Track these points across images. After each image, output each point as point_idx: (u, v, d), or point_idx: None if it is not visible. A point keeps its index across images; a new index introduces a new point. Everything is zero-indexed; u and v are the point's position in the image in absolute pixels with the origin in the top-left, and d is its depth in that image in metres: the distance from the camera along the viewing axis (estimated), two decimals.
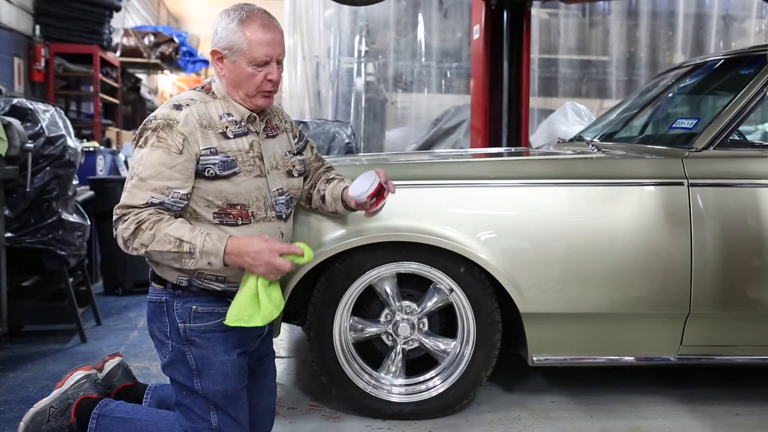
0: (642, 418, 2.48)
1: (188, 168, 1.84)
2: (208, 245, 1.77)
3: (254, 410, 2.09)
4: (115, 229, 1.80)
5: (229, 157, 1.89)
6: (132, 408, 2.11)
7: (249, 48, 1.86)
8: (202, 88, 1.97)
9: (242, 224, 1.92)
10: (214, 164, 1.87)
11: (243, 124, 1.94)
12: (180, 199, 1.84)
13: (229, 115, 1.93)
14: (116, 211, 1.80)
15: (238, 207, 1.91)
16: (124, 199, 1.80)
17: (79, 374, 2.14)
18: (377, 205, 2.05)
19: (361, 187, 2.00)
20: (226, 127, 1.91)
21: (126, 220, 1.78)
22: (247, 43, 1.85)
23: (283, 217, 2.04)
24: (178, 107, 1.85)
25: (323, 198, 2.16)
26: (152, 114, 1.86)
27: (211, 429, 1.97)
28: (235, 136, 1.92)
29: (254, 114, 1.96)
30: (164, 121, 1.82)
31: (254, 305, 1.80)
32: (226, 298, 1.92)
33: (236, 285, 1.88)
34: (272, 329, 2.16)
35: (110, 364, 2.26)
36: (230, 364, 1.96)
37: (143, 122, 1.85)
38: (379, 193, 2.02)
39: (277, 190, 2.01)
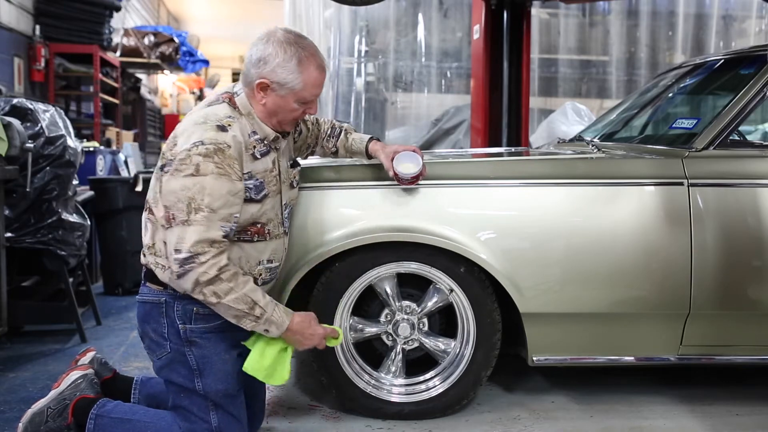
0: (642, 418, 2.48)
1: (243, 192, 1.84)
2: (276, 317, 1.86)
3: (250, 405, 2.10)
4: (189, 269, 1.73)
5: (259, 179, 1.90)
6: (130, 408, 2.11)
7: (302, 89, 1.87)
8: (229, 101, 1.90)
9: (257, 241, 1.93)
10: (249, 188, 1.88)
11: (267, 143, 1.94)
12: (235, 223, 1.83)
13: (254, 133, 1.91)
14: (192, 249, 1.73)
15: (258, 225, 1.93)
16: (200, 233, 1.73)
17: (75, 374, 2.13)
18: (413, 184, 2.23)
19: (408, 167, 2.19)
20: (254, 147, 1.90)
21: (205, 262, 1.73)
22: (302, 84, 1.86)
23: (287, 232, 2.06)
24: (222, 128, 1.79)
25: (335, 152, 2.27)
26: (195, 137, 1.76)
27: (211, 430, 1.97)
28: (261, 155, 1.91)
29: (279, 134, 1.95)
30: (214, 146, 1.76)
31: (277, 368, 1.95)
32: None
33: None
34: None
35: (84, 361, 2.25)
36: (231, 363, 1.98)
37: (188, 147, 1.75)
38: (419, 175, 2.22)
39: (284, 204, 2.02)
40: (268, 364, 1.94)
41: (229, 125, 1.83)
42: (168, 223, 1.78)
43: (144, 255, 1.99)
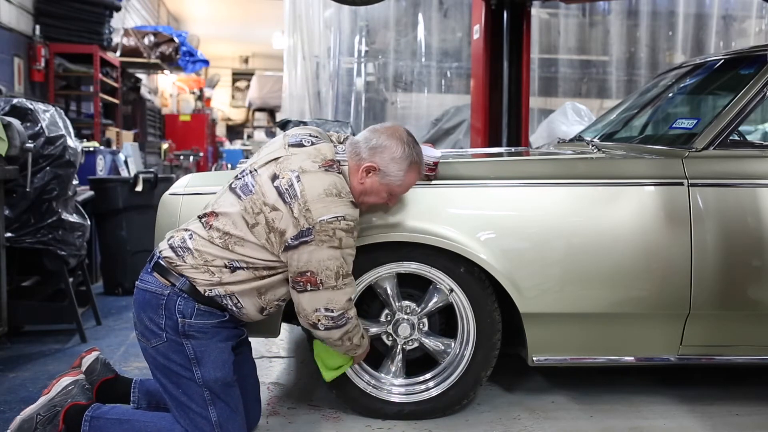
0: (642, 418, 2.48)
1: None
2: (365, 342, 2.21)
3: (245, 398, 2.11)
4: (342, 324, 2.03)
5: None
6: (128, 409, 2.11)
7: (399, 185, 2.12)
8: (342, 174, 2.04)
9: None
10: None
11: None
12: None
13: None
14: (342, 308, 2.00)
15: None
16: (348, 295, 2.01)
17: (66, 380, 2.12)
18: (433, 171, 2.31)
19: (432, 151, 2.32)
20: None
21: (351, 317, 2.05)
22: (401, 183, 2.11)
23: None
24: (354, 205, 2.00)
25: None
26: (336, 211, 1.93)
27: (211, 424, 1.97)
28: None
29: None
30: (354, 222, 1.97)
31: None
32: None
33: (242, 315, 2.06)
34: (247, 334, 2.25)
35: (88, 360, 2.25)
36: (227, 352, 2.02)
37: (329, 219, 1.92)
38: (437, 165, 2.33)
39: None
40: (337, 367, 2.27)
41: (354, 201, 2.02)
42: (314, 287, 1.97)
43: (174, 250, 2.00)
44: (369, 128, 2.14)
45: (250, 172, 2.04)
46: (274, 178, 1.97)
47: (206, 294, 1.96)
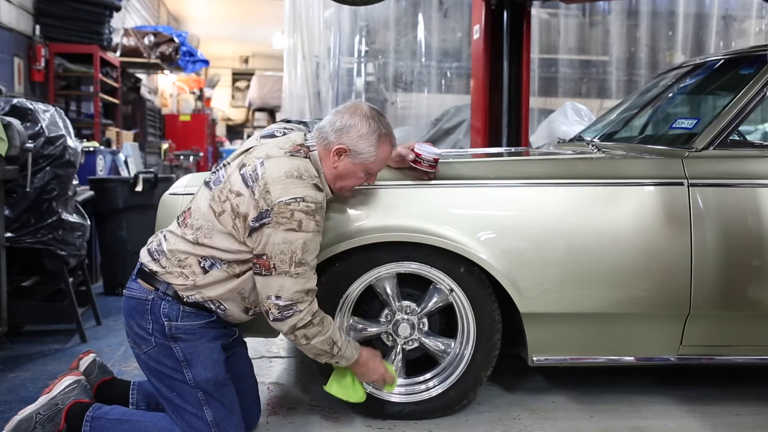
0: (642, 418, 2.48)
1: None
2: (348, 353, 2.08)
3: (243, 399, 2.11)
4: (288, 315, 1.92)
5: None
6: (128, 409, 2.11)
7: (374, 162, 2.07)
8: (309, 159, 2.02)
9: None
10: None
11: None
12: None
13: None
14: (292, 297, 1.91)
15: None
16: (301, 284, 1.91)
17: (68, 380, 2.12)
18: (433, 168, 2.28)
19: (432, 149, 2.28)
20: None
21: (302, 310, 1.93)
22: (375, 158, 2.06)
23: None
24: (318, 188, 1.95)
25: None
26: (296, 192, 1.88)
27: (207, 424, 1.97)
28: None
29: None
30: (315, 204, 1.90)
31: (353, 389, 2.25)
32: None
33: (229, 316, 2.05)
34: (240, 334, 2.25)
35: (85, 362, 2.26)
36: (217, 351, 2.02)
37: (287, 200, 1.87)
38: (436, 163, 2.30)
39: None
40: (348, 385, 2.23)
41: (320, 185, 1.98)
42: (268, 271, 1.91)
43: (150, 255, 2.02)
44: (331, 111, 2.10)
45: (223, 165, 2.08)
46: (242, 166, 1.99)
47: (187, 300, 1.97)
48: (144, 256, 2.04)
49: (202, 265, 1.97)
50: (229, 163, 2.07)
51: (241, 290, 2.01)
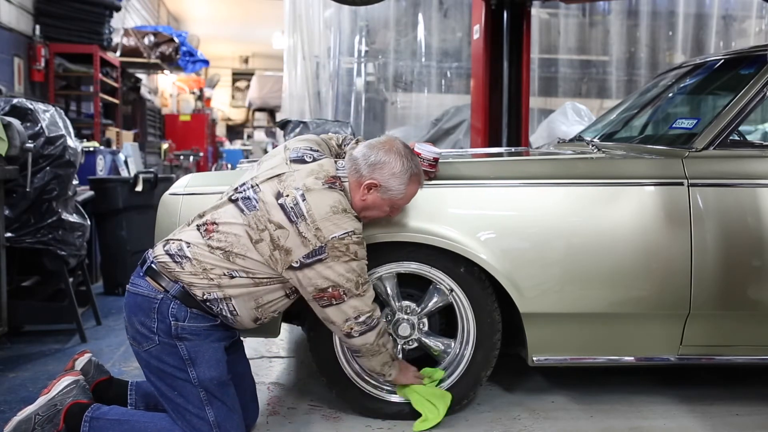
0: (642, 418, 2.48)
1: None
2: (396, 366, 2.25)
3: (241, 398, 2.11)
4: (373, 325, 2.08)
5: None
6: (127, 410, 2.11)
7: (401, 199, 2.14)
8: (344, 191, 2.07)
9: (292, 297, 2.13)
10: None
11: None
12: None
13: None
14: (368, 309, 2.05)
15: None
16: (369, 296, 2.06)
17: (67, 380, 2.12)
18: (433, 167, 2.32)
19: (431, 148, 2.32)
20: None
21: (378, 316, 2.10)
22: (403, 195, 2.13)
23: None
24: (359, 219, 2.06)
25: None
26: (346, 227, 1.98)
27: (209, 424, 1.97)
28: None
29: None
30: (361, 234, 2.03)
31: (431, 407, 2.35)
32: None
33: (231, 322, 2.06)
34: (239, 335, 2.24)
35: (81, 362, 2.25)
36: (221, 352, 2.02)
37: (340, 236, 1.96)
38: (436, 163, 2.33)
39: None
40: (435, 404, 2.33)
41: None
42: (339, 299, 2.01)
43: (171, 257, 1.99)
44: (365, 144, 2.16)
45: (252, 186, 2.03)
46: (279, 195, 1.98)
47: (204, 297, 1.96)
48: (162, 256, 2.00)
49: (228, 273, 1.99)
50: (258, 186, 2.02)
51: (258, 295, 2.03)
